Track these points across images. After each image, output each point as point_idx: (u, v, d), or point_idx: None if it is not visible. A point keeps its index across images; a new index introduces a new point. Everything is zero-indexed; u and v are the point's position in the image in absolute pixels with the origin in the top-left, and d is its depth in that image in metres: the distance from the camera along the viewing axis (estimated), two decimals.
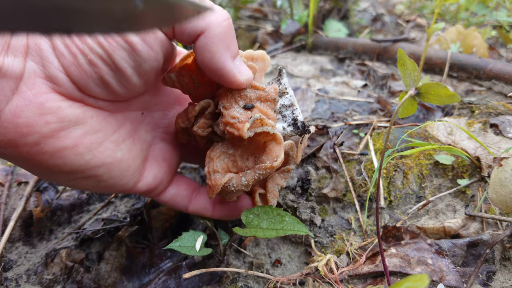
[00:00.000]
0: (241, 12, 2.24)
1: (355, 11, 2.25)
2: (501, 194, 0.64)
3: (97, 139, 0.56)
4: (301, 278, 0.70)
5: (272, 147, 0.59)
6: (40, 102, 0.49)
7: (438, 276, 0.65)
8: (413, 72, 0.56)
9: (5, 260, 0.82)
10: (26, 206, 0.92)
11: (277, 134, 0.60)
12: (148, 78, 0.57)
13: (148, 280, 0.75)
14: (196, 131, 0.64)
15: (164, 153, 0.70)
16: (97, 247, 0.85)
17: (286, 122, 0.64)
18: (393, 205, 0.83)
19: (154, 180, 0.68)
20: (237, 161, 0.63)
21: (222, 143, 0.65)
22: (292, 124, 0.64)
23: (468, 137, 0.87)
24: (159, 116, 0.70)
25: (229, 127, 0.58)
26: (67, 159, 0.53)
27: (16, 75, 0.47)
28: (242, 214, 0.65)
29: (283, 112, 0.65)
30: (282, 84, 0.65)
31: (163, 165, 0.70)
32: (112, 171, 0.59)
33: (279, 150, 0.59)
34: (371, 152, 0.89)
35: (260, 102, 0.61)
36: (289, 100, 0.64)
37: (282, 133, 0.64)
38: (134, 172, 0.64)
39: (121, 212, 0.93)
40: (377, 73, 1.41)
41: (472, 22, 1.95)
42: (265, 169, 0.59)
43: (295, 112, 0.65)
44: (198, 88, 0.63)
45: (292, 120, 0.64)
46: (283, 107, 0.64)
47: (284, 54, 1.70)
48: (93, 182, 0.58)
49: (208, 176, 0.63)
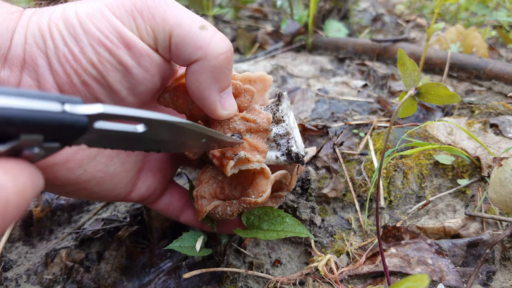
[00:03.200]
0: (241, 12, 2.24)
1: (355, 11, 2.25)
2: (501, 194, 0.64)
3: (89, 155, 0.55)
4: (301, 278, 0.70)
5: (259, 181, 0.59)
6: None
7: (438, 276, 0.65)
8: (413, 72, 0.56)
9: (5, 260, 0.82)
10: None
11: (265, 169, 0.59)
12: (144, 97, 0.56)
13: (148, 280, 0.75)
14: (187, 155, 0.64)
15: (160, 164, 0.70)
16: (97, 247, 0.85)
17: (280, 151, 0.63)
18: (393, 205, 0.83)
19: (147, 190, 0.67)
20: (225, 188, 0.63)
21: (213, 167, 0.65)
22: (286, 154, 0.63)
23: (468, 137, 0.87)
24: None
25: (215, 160, 0.58)
26: (58, 173, 0.52)
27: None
28: (242, 215, 0.65)
29: (278, 141, 0.63)
30: (280, 110, 0.63)
31: (157, 176, 0.69)
32: (103, 184, 0.59)
33: (266, 185, 0.59)
34: (371, 152, 0.89)
35: (250, 133, 0.59)
36: (285, 129, 0.63)
37: (275, 162, 0.63)
38: (127, 184, 0.63)
39: (121, 212, 0.93)
40: (377, 73, 1.41)
41: (472, 22, 1.95)
42: (249, 203, 0.59)
43: (290, 141, 0.63)
44: (192, 109, 0.61)
45: (286, 150, 0.63)
46: (278, 136, 0.63)
47: (284, 54, 1.70)
48: (84, 193, 0.58)
49: (195, 200, 0.63)
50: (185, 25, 0.49)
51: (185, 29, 0.49)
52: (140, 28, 0.48)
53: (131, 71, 0.50)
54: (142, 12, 0.48)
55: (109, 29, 0.47)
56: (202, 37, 0.49)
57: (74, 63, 0.47)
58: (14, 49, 0.46)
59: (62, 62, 0.47)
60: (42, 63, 0.48)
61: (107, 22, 0.47)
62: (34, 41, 0.47)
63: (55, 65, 0.48)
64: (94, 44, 0.47)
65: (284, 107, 0.64)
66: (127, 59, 0.49)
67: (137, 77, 0.51)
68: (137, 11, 0.48)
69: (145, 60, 0.50)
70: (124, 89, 0.51)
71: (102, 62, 0.48)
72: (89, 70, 0.48)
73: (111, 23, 0.47)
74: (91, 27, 0.47)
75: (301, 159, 0.63)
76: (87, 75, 0.48)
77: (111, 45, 0.47)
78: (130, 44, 0.48)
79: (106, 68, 0.48)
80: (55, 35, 0.47)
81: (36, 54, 0.47)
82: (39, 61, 0.47)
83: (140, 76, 0.51)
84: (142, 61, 0.50)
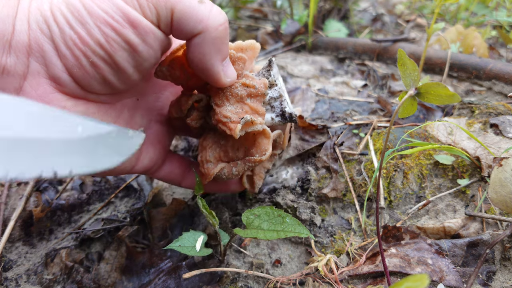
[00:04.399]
0: (241, 12, 2.24)
1: (355, 11, 2.25)
2: (501, 194, 0.64)
3: None
4: (301, 278, 0.70)
5: (261, 140, 0.64)
6: (46, 102, 0.49)
7: (438, 276, 0.65)
8: (413, 72, 0.56)
9: (5, 260, 0.82)
10: (26, 206, 0.92)
11: (266, 130, 0.63)
12: (146, 72, 0.58)
13: (148, 280, 0.75)
14: (190, 123, 0.67)
15: (159, 135, 0.72)
16: (97, 247, 0.85)
17: (274, 113, 0.68)
18: (393, 205, 0.83)
19: (150, 162, 0.70)
20: (228, 151, 0.67)
21: (214, 133, 0.69)
22: (280, 115, 0.67)
23: (468, 137, 0.87)
24: (152, 99, 0.72)
25: (221, 125, 0.61)
26: None
27: (20, 74, 0.47)
28: (242, 215, 0.65)
29: (272, 104, 0.68)
30: (272, 75, 0.67)
31: (158, 147, 0.72)
32: None
33: (268, 144, 0.63)
34: (371, 152, 0.89)
35: (251, 98, 0.64)
36: (278, 92, 0.67)
37: (271, 123, 0.68)
38: (131, 158, 0.65)
39: (121, 212, 0.93)
40: (377, 73, 1.41)
41: (472, 22, 1.95)
42: (254, 162, 0.64)
43: (283, 103, 0.68)
44: (189, 81, 0.64)
45: (280, 111, 0.67)
46: (272, 99, 0.67)
47: (284, 54, 1.70)
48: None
49: (201, 165, 0.67)
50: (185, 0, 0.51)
51: (185, 4, 0.51)
52: (143, 6, 0.50)
53: (137, 49, 0.51)
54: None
55: (113, 9, 0.48)
56: (201, 11, 0.52)
57: (82, 45, 0.48)
58: (18, 35, 0.47)
59: (69, 45, 0.48)
60: (48, 48, 0.48)
61: (110, 2, 0.49)
62: (37, 27, 0.48)
63: (63, 49, 0.48)
64: (100, 25, 0.48)
65: (275, 72, 0.68)
66: (133, 37, 0.50)
67: (143, 54, 0.52)
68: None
69: (149, 37, 0.51)
70: (130, 67, 0.53)
71: (110, 42, 0.49)
72: (97, 51, 0.49)
73: (114, 2, 0.49)
74: (95, 8, 0.48)
75: (294, 118, 0.67)
76: (96, 56, 0.49)
77: (117, 25, 0.49)
78: (135, 22, 0.49)
79: (113, 48, 0.50)
80: (60, 19, 0.48)
81: (41, 40, 0.48)
82: (45, 46, 0.48)
83: (145, 53, 0.53)
84: (147, 38, 0.51)
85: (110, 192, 1.01)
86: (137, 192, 0.99)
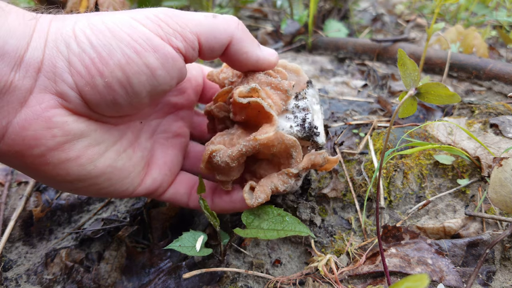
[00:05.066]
0: (241, 12, 2.24)
1: (355, 11, 2.25)
2: (501, 194, 0.64)
3: (99, 151, 0.57)
4: (301, 278, 0.70)
5: (264, 125, 0.61)
6: (48, 116, 0.49)
7: (438, 276, 0.65)
8: (413, 72, 0.56)
9: (5, 260, 0.82)
10: (26, 206, 0.92)
11: (273, 115, 0.60)
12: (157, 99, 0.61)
13: (148, 280, 0.75)
14: (212, 109, 0.69)
15: (165, 157, 0.72)
16: (97, 247, 0.85)
17: (295, 122, 0.65)
18: (393, 205, 0.83)
19: (153, 183, 0.69)
20: (234, 139, 0.65)
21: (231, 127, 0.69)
22: (300, 125, 0.64)
23: (468, 137, 0.87)
24: (155, 124, 0.73)
25: (232, 98, 0.63)
26: (70, 169, 0.54)
27: (26, 88, 0.48)
28: (242, 214, 0.65)
29: (296, 113, 0.65)
30: (304, 92, 0.67)
31: (163, 168, 0.71)
32: (112, 179, 0.61)
33: (269, 128, 0.60)
34: (371, 152, 0.89)
35: (270, 87, 0.63)
36: (305, 104, 0.66)
37: (289, 132, 0.64)
38: (134, 179, 0.65)
39: (121, 212, 0.93)
40: (377, 73, 1.41)
41: (472, 22, 1.95)
42: (249, 141, 0.59)
43: (307, 115, 0.65)
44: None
45: (301, 120, 0.64)
46: (296, 107, 0.65)
47: (284, 54, 1.70)
48: (94, 189, 0.60)
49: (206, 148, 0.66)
50: (203, 21, 0.56)
51: (205, 25, 0.56)
52: (169, 34, 0.53)
53: (156, 73, 0.53)
54: (167, 22, 0.54)
55: (138, 34, 0.51)
56: (220, 23, 0.58)
57: (101, 65, 0.49)
58: (32, 51, 0.48)
59: (86, 64, 0.49)
60: (61, 64, 0.49)
61: (135, 29, 0.51)
62: (55, 45, 0.49)
63: (78, 67, 0.49)
64: (123, 47, 0.50)
65: (310, 92, 0.68)
66: (153, 61, 0.52)
67: (160, 79, 0.54)
68: (162, 21, 0.53)
69: (169, 62, 0.53)
70: (145, 92, 0.54)
71: (130, 64, 0.50)
72: (116, 73, 0.50)
73: (138, 29, 0.51)
74: (120, 33, 0.50)
75: (314, 132, 0.64)
76: (113, 77, 0.50)
77: (140, 48, 0.51)
78: (158, 48, 0.52)
79: (133, 71, 0.51)
80: (82, 39, 0.49)
81: (56, 57, 0.49)
82: (58, 63, 0.49)
83: (162, 78, 0.54)
84: (167, 63, 0.53)
85: None
86: None
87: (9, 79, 0.46)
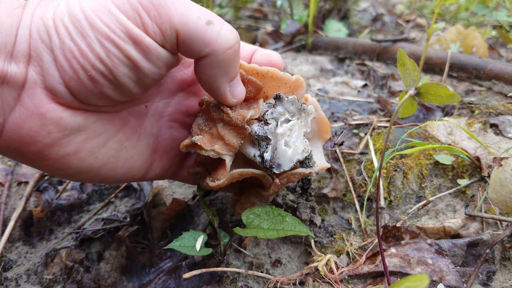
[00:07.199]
0: (241, 12, 2.24)
1: (355, 11, 2.25)
2: (501, 194, 0.64)
3: (99, 142, 0.56)
4: (301, 278, 0.70)
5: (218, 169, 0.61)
6: (42, 113, 0.48)
7: (438, 276, 0.65)
8: (413, 72, 0.56)
9: (5, 260, 0.82)
10: (26, 206, 0.92)
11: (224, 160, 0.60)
12: (149, 87, 0.56)
13: (148, 280, 0.75)
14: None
15: (172, 142, 0.69)
16: (97, 247, 0.85)
17: (259, 151, 0.62)
18: (393, 205, 0.83)
19: (162, 170, 0.68)
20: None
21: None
22: (260, 156, 0.61)
23: (468, 137, 0.87)
24: (162, 105, 0.68)
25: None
26: (71, 163, 0.53)
27: (19, 84, 0.47)
28: (242, 214, 0.65)
29: (259, 141, 0.62)
30: (270, 112, 0.61)
31: (171, 154, 0.69)
32: (116, 169, 0.60)
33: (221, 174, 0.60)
34: (371, 152, 0.89)
35: (224, 124, 0.59)
36: (264, 132, 0.60)
37: (254, 159, 0.62)
38: (141, 166, 0.64)
39: (121, 212, 0.93)
40: (377, 73, 1.41)
41: (472, 22, 1.95)
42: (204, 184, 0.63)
43: (267, 147, 0.61)
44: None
45: (261, 153, 0.61)
46: (257, 136, 0.61)
47: (284, 54, 1.70)
48: (99, 178, 0.59)
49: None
50: (191, 22, 0.49)
51: (191, 27, 0.49)
52: (147, 25, 0.48)
53: (139, 65, 0.50)
54: (148, 10, 0.48)
55: (115, 24, 0.47)
56: (209, 34, 0.49)
57: (81, 59, 0.47)
58: (19, 44, 0.46)
59: (68, 57, 0.47)
60: (47, 58, 0.47)
61: (113, 17, 0.47)
62: (38, 36, 0.47)
63: (61, 61, 0.47)
64: (102, 39, 0.47)
65: (279, 111, 0.61)
66: (135, 54, 0.49)
67: (144, 70, 0.51)
68: (143, 8, 0.48)
69: (152, 54, 0.50)
70: (131, 82, 0.51)
71: (110, 57, 0.48)
72: (97, 66, 0.48)
73: (117, 18, 0.47)
74: (97, 22, 0.47)
75: (269, 168, 0.61)
76: (95, 70, 0.48)
77: (118, 40, 0.47)
78: (137, 39, 0.48)
79: (114, 63, 0.48)
80: (61, 30, 0.47)
81: (41, 49, 0.47)
82: (44, 56, 0.47)
83: (147, 69, 0.51)
84: (150, 55, 0.50)
85: (110, 192, 1.01)
86: (137, 192, 0.99)
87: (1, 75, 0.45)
